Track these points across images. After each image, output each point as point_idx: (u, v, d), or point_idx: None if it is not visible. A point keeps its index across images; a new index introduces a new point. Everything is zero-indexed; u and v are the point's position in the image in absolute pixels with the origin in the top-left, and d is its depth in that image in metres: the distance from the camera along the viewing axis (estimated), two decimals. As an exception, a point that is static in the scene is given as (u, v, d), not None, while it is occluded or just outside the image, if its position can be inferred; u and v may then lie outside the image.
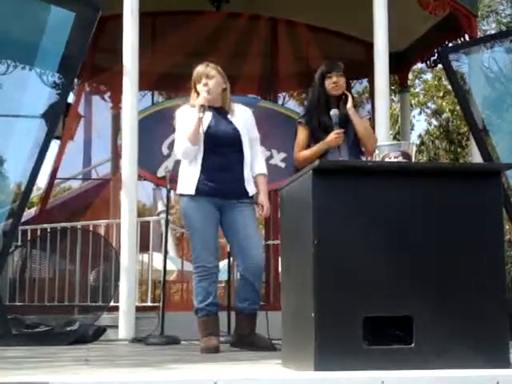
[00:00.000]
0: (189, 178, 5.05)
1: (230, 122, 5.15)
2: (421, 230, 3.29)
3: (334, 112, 5.06)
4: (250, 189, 5.11)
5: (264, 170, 5.28)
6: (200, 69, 5.17)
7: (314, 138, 5.22)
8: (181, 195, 5.13)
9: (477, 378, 2.97)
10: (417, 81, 20.49)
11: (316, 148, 5.09)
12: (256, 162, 5.25)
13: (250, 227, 5.10)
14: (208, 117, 5.07)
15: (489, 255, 3.31)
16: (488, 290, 3.27)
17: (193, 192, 5.01)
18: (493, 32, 17.17)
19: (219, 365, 3.90)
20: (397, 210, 3.29)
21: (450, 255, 3.28)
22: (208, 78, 5.11)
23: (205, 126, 5.00)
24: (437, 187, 3.34)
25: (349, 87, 5.36)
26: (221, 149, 5.04)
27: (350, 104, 5.16)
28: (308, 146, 5.22)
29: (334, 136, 5.02)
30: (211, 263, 5.02)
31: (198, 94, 5.12)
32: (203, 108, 4.98)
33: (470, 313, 3.24)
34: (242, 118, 5.22)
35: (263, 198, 5.18)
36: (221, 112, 5.15)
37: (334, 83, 5.14)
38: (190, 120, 5.02)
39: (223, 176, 5.02)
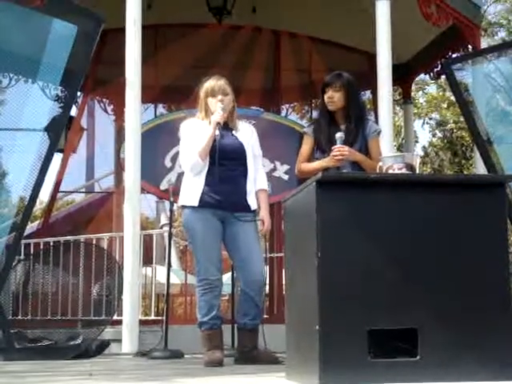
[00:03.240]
0: (192, 190, 5.03)
1: (236, 137, 5.14)
2: (425, 242, 3.27)
3: (339, 135, 4.88)
4: (252, 203, 5.09)
5: (265, 186, 5.28)
6: (215, 83, 5.12)
7: (319, 149, 5.20)
8: (183, 207, 5.11)
9: (483, 390, 2.95)
10: (420, 92, 20.50)
11: (317, 164, 5.03)
12: (257, 177, 5.24)
13: (251, 242, 5.08)
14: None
15: (493, 267, 3.29)
16: (493, 303, 3.25)
17: (196, 203, 4.99)
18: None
19: (223, 378, 3.88)
20: (400, 221, 3.28)
21: (453, 267, 3.27)
22: (224, 95, 5.10)
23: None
24: (441, 199, 3.33)
25: (355, 98, 5.23)
26: (226, 162, 5.02)
27: (348, 157, 5.02)
28: (311, 157, 5.19)
29: (333, 156, 4.91)
30: (214, 276, 4.99)
31: (207, 107, 5.11)
32: (219, 126, 4.98)
33: (475, 325, 3.22)
34: (247, 134, 5.22)
35: (264, 213, 5.17)
36: (226, 127, 5.14)
37: (328, 98, 5.09)
38: (199, 134, 5.01)
39: (227, 188, 5.00)
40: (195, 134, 5.05)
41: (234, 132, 5.16)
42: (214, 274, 4.99)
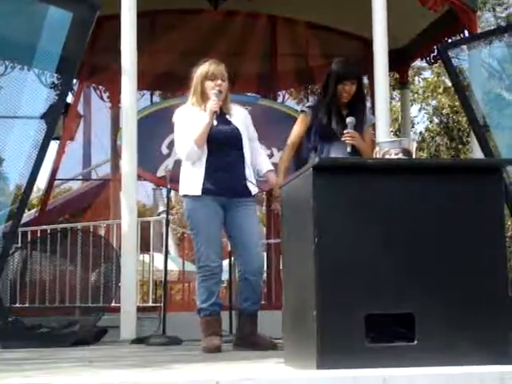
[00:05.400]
0: (193, 179, 5.02)
1: (230, 122, 5.13)
2: (421, 227, 3.27)
3: (350, 120, 5.06)
4: (252, 187, 5.09)
5: (271, 166, 5.31)
6: (215, 67, 5.09)
7: (317, 133, 5.23)
8: (184, 196, 5.11)
9: (480, 374, 2.95)
10: (416, 78, 20.47)
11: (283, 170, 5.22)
12: (261, 159, 5.25)
13: (251, 226, 5.09)
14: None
15: (490, 251, 3.29)
16: (490, 287, 3.26)
17: (198, 192, 4.98)
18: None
19: (221, 365, 3.88)
20: (397, 207, 3.27)
21: (451, 252, 3.27)
22: (222, 80, 5.08)
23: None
24: (437, 184, 3.32)
25: (362, 87, 5.32)
26: (223, 148, 5.01)
27: (357, 144, 5.13)
28: (303, 138, 5.26)
29: (345, 138, 5.03)
30: (215, 263, 5.00)
31: (203, 90, 5.07)
32: (216, 114, 4.97)
33: (473, 309, 3.23)
34: (240, 117, 5.21)
35: (278, 191, 5.15)
36: (220, 112, 5.12)
37: (346, 92, 5.15)
38: (193, 121, 5.00)
39: (227, 175, 5.00)
40: (189, 122, 5.03)
41: (228, 117, 5.15)
42: (214, 260, 4.99)
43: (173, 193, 6.51)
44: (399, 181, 3.31)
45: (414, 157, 3.77)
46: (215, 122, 4.98)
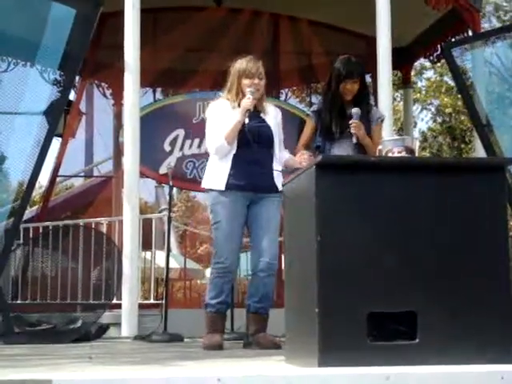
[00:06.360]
0: (219, 173, 5.01)
1: (264, 120, 5.12)
2: (424, 226, 3.27)
3: (355, 111, 5.09)
4: (279, 183, 5.05)
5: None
6: (253, 65, 5.08)
7: (322, 134, 5.25)
8: (209, 190, 5.09)
9: (481, 373, 2.95)
10: (419, 76, 20.46)
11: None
12: (285, 154, 5.25)
13: (269, 222, 5.04)
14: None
15: (493, 251, 3.28)
16: (492, 286, 3.25)
17: (222, 187, 4.97)
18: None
19: (223, 362, 3.88)
20: (399, 205, 3.27)
21: (453, 251, 3.26)
22: (260, 79, 5.07)
23: None
24: (440, 182, 3.32)
25: (365, 85, 5.33)
26: (253, 145, 5.00)
27: (361, 135, 5.13)
28: (312, 140, 5.28)
29: (352, 127, 5.04)
30: (231, 261, 4.97)
31: (239, 87, 5.06)
32: (248, 112, 4.96)
33: (475, 308, 3.22)
34: (274, 116, 5.21)
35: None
36: (255, 109, 5.09)
37: (348, 90, 5.17)
38: (226, 117, 4.99)
39: (253, 170, 4.98)
40: (222, 117, 5.02)
41: (262, 115, 5.13)
42: (230, 259, 4.97)
43: (175, 190, 6.50)
44: (402, 179, 3.31)
45: (416, 155, 3.76)
46: (247, 120, 4.95)
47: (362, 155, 5.01)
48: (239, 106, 5.02)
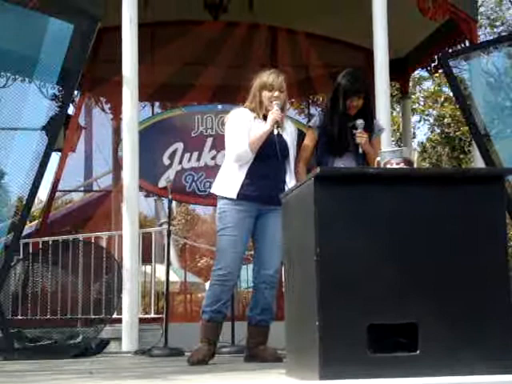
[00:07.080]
0: (232, 181, 5.00)
1: (281, 135, 5.11)
2: (423, 237, 3.26)
3: (360, 122, 5.15)
4: None
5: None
6: (274, 78, 5.12)
7: (322, 148, 5.27)
8: (220, 197, 5.09)
9: (483, 384, 2.95)
10: (417, 87, 20.50)
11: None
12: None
13: (277, 236, 5.00)
14: (261, 125, 5.05)
15: (492, 261, 3.28)
16: (493, 296, 3.24)
17: (234, 196, 4.96)
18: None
19: (223, 375, 3.87)
20: (399, 216, 3.26)
21: (453, 262, 3.26)
22: (280, 92, 5.10)
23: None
24: (439, 193, 3.31)
25: (369, 100, 5.36)
26: (269, 158, 5.00)
27: (364, 141, 5.17)
28: (313, 153, 5.30)
29: (357, 137, 5.10)
30: (231, 270, 4.95)
31: (261, 99, 5.09)
32: (277, 124, 4.99)
33: (475, 319, 3.21)
34: (290, 132, 5.24)
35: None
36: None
37: (354, 107, 5.21)
38: (248, 125, 5.02)
39: (266, 183, 4.99)
40: (245, 125, 5.04)
41: (279, 129, 5.13)
42: (231, 267, 4.95)
43: (174, 203, 6.50)
44: (400, 190, 3.31)
45: (415, 166, 3.76)
46: (275, 131, 4.99)
47: (359, 167, 5.02)
48: (259, 116, 5.07)
